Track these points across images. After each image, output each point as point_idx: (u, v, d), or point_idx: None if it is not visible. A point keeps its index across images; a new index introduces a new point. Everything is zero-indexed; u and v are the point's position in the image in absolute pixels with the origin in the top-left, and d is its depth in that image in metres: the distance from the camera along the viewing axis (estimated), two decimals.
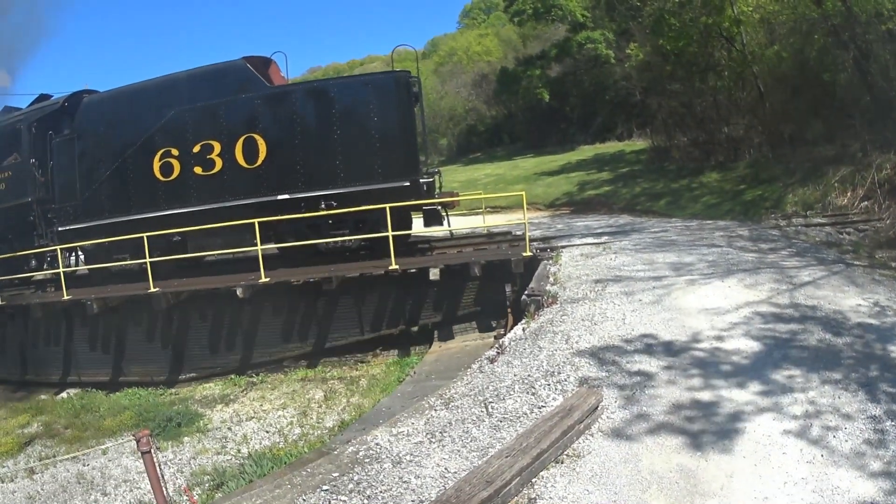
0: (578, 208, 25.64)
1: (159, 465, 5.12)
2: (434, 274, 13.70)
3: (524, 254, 13.36)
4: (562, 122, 43.88)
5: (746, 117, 25.49)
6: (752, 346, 7.83)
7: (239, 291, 14.16)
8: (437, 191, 16.42)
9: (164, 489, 5.26)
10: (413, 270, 14.01)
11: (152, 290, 15.05)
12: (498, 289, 13.78)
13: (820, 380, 6.89)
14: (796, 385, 6.81)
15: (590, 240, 15.75)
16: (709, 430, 6.17)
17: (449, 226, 16.58)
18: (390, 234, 13.32)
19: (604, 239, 15.61)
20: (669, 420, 6.38)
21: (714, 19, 24.53)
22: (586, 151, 37.57)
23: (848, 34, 19.76)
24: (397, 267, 13.47)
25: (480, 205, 21.78)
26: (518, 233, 17.25)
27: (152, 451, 5.17)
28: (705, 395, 6.76)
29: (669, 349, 7.88)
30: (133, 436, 5.08)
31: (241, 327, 15.74)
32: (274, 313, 15.52)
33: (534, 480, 5.63)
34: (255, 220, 14.13)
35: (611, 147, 37.55)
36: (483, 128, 53.82)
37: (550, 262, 13.53)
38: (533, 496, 5.44)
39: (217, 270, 16.82)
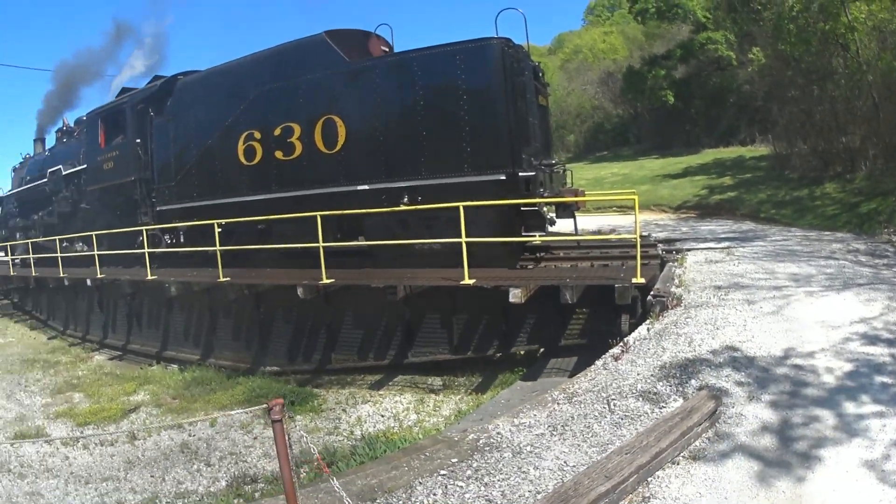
0: (703, 212, 25.89)
1: (288, 436, 5.29)
2: (515, 295, 11.04)
3: (634, 280, 10.95)
4: (687, 123, 43.90)
5: (863, 127, 24.72)
6: (865, 361, 7.74)
7: (300, 292, 13.68)
8: (550, 188, 14.19)
9: (290, 460, 5.42)
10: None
11: (221, 279, 15.11)
12: (612, 318, 11.38)
13: None
14: None
15: (713, 244, 15.69)
16: (829, 439, 6.16)
17: (576, 230, 14.78)
18: (464, 240, 11.78)
19: (727, 245, 15.58)
20: (794, 429, 6.39)
21: (830, 25, 23.87)
22: (708, 155, 37.80)
23: None
24: (470, 282, 11.82)
25: (630, 203, 21.71)
26: (655, 236, 16.75)
27: (284, 420, 5.31)
28: (827, 405, 6.76)
29: (787, 359, 7.94)
30: (267, 404, 5.26)
31: (323, 328, 15.53)
32: (355, 317, 14.98)
33: (649, 479, 5.76)
34: (318, 214, 13.45)
35: (732, 152, 37.46)
36: (609, 126, 54.48)
37: (675, 264, 13.17)
38: (647, 495, 5.56)
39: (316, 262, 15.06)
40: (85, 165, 21.56)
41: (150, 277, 16.98)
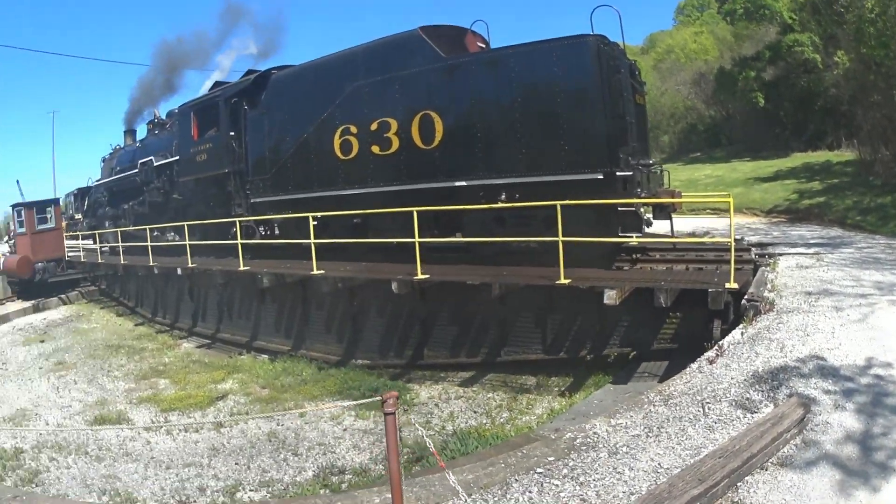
0: (793, 217, 25.92)
1: (400, 429, 5.63)
2: (609, 297, 10.99)
3: (728, 285, 10.69)
4: (777, 126, 43.51)
5: None
6: None
7: (394, 286, 13.96)
8: (647, 188, 13.73)
9: (398, 453, 5.71)
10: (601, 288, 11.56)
11: (315, 272, 15.46)
12: (704, 322, 11.24)
13: None
14: None
15: (803, 250, 15.69)
16: None
17: (672, 232, 14.90)
18: (560, 239, 11.65)
19: (816, 251, 15.54)
20: (875, 439, 6.54)
21: None
22: (797, 159, 37.64)
23: None
24: (566, 282, 11.73)
25: (724, 206, 21.93)
26: (748, 240, 16.74)
27: (396, 413, 5.62)
28: None
29: (870, 368, 8.02)
30: (380, 396, 5.61)
31: (416, 323, 15.73)
32: (449, 313, 15.15)
33: (739, 484, 5.98)
34: (415, 209, 13.58)
35: (819, 156, 37.25)
36: (703, 127, 54.58)
37: (768, 269, 13.16)
38: (736, 500, 5.78)
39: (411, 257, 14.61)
40: (177, 157, 22.44)
41: (242, 268, 17.64)
